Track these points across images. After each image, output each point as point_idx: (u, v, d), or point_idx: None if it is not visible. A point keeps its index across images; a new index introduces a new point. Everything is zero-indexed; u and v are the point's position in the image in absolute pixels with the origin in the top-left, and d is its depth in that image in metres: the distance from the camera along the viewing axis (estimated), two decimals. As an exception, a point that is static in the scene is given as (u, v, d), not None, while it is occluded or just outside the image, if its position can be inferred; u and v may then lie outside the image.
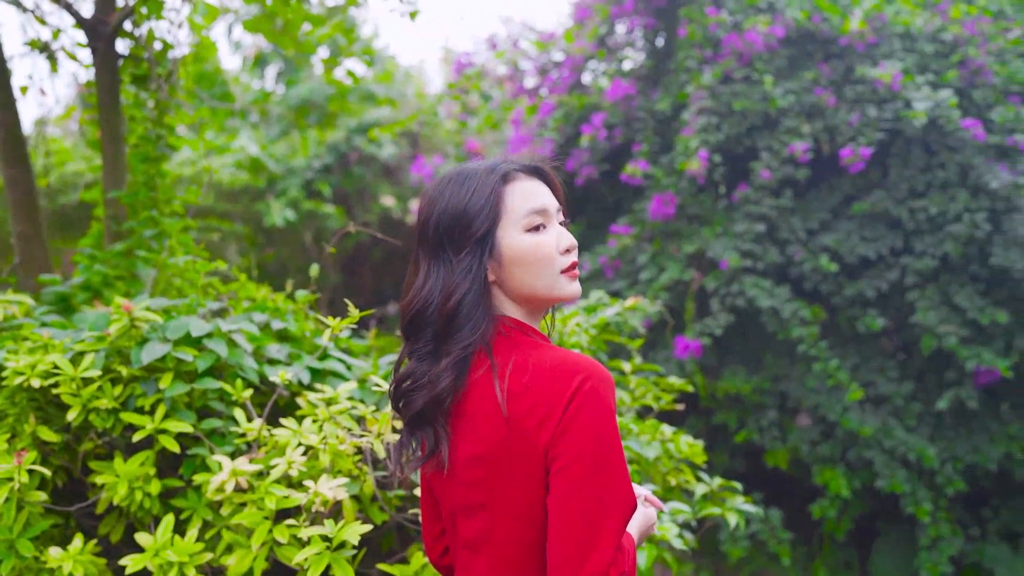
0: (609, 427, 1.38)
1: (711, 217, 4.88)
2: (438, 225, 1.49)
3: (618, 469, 1.38)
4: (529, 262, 1.49)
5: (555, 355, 1.44)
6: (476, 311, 1.47)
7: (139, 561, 2.12)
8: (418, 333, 1.52)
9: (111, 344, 2.36)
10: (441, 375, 1.48)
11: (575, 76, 5.75)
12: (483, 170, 1.52)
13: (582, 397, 1.38)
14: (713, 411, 5.13)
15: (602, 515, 1.36)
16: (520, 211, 1.50)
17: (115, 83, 3.68)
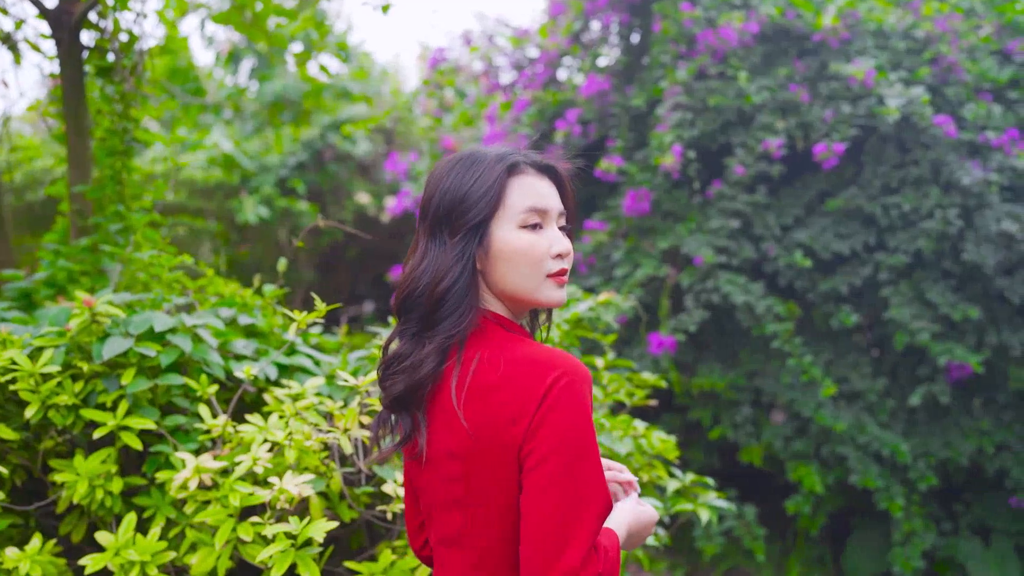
0: (584, 424, 1.35)
1: (686, 213, 4.87)
2: (439, 205, 1.48)
3: (592, 467, 1.35)
4: (516, 260, 1.47)
5: (531, 350, 1.41)
6: (464, 299, 1.45)
7: (99, 561, 2.07)
8: (409, 312, 1.49)
9: (72, 340, 2.31)
10: (423, 361, 1.46)
11: (550, 72, 5.72)
12: (492, 157, 1.49)
13: (557, 392, 1.35)
14: (688, 408, 5.13)
15: (575, 513, 1.33)
16: (518, 206, 1.47)
17: (80, 75, 3.61)
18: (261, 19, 3.71)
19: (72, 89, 3.62)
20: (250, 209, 8.06)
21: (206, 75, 10.97)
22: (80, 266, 3.34)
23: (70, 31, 3.55)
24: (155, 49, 3.64)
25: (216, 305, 2.76)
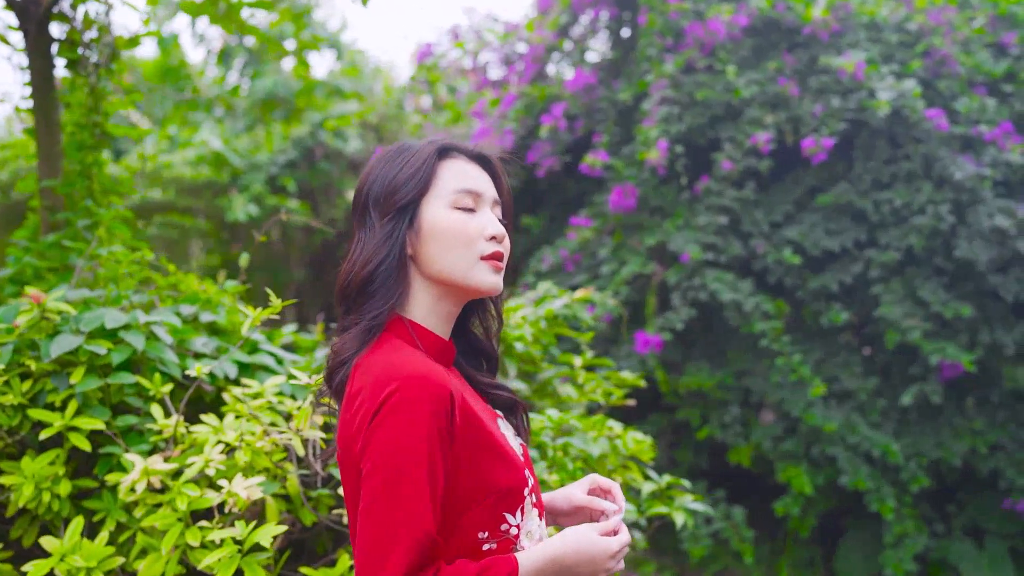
0: (408, 444, 1.27)
1: (673, 209, 4.79)
2: (368, 193, 1.44)
3: (411, 491, 1.27)
4: (447, 239, 1.41)
5: (391, 359, 1.35)
6: (390, 280, 1.40)
7: (42, 567, 1.99)
8: (345, 305, 1.45)
9: (20, 337, 2.23)
10: (345, 346, 1.41)
11: (537, 67, 5.64)
12: (422, 144, 1.47)
13: (388, 408, 1.29)
14: (676, 407, 5.04)
15: (390, 536, 1.26)
16: (450, 186, 1.44)
17: (48, 68, 3.52)
18: (235, 11, 3.64)
19: (40, 82, 3.54)
20: (239, 207, 7.99)
21: (198, 73, 10.90)
22: (46, 263, 3.26)
23: (38, 23, 3.47)
24: (124, 41, 3.54)
25: (178, 302, 2.68)
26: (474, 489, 1.35)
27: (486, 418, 1.42)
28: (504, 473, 1.37)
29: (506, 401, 1.55)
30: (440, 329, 1.47)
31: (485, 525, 1.36)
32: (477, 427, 1.37)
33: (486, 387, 1.55)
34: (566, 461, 2.40)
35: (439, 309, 1.46)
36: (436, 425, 1.29)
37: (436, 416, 1.29)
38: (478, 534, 1.36)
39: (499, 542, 1.37)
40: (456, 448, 1.33)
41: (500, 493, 1.36)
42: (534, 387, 3.09)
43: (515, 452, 1.43)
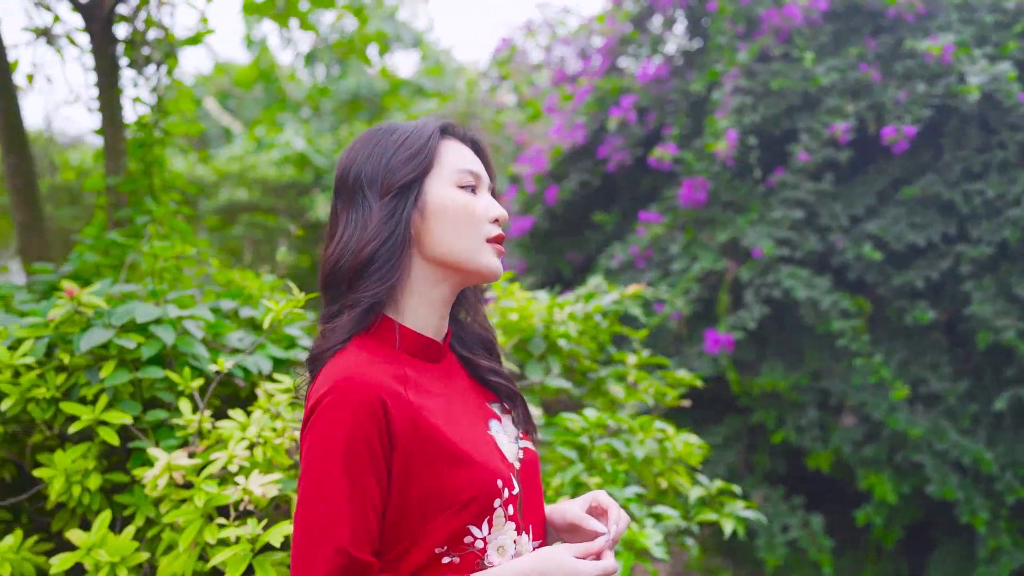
0: (327, 452, 1.22)
1: (746, 203, 4.60)
2: (360, 173, 1.37)
3: (328, 502, 1.21)
4: (454, 218, 1.35)
5: (342, 360, 1.29)
6: (391, 261, 1.32)
7: (67, 560, 1.99)
8: (336, 288, 1.37)
9: (56, 331, 2.24)
10: (335, 330, 1.34)
11: (610, 60, 5.51)
12: (418, 122, 1.42)
13: (318, 413, 1.24)
14: (751, 409, 4.84)
15: (310, 551, 1.21)
16: (454, 165, 1.38)
17: (112, 68, 3.60)
18: (293, 6, 3.64)
19: (105, 82, 3.62)
20: (322, 206, 8.09)
21: (288, 76, 11.13)
22: (107, 259, 3.32)
23: (102, 24, 3.54)
24: (184, 40, 3.59)
25: (220, 297, 2.67)
26: (428, 499, 1.26)
27: (449, 420, 1.32)
28: (465, 482, 1.27)
29: (505, 390, 1.47)
30: (428, 318, 1.39)
31: (444, 539, 1.26)
32: (428, 432, 1.27)
33: (485, 374, 1.46)
34: (605, 463, 2.29)
35: (433, 294, 1.38)
36: (361, 432, 1.22)
37: (359, 422, 1.22)
38: (435, 549, 1.27)
39: (462, 556, 1.28)
40: (401, 455, 1.25)
41: (460, 503, 1.26)
42: (590, 386, 2.99)
43: (484, 458, 1.31)
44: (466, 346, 1.50)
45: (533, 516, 1.40)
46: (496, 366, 1.49)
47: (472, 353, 1.49)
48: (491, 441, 1.37)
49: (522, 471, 1.39)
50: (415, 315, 1.38)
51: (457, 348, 1.49)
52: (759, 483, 4.75)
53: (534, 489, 1.42)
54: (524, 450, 1.43)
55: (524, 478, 1.39)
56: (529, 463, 1.42)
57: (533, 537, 1.39)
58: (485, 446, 1.34)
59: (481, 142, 1.47)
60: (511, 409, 1.47)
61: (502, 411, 1.46)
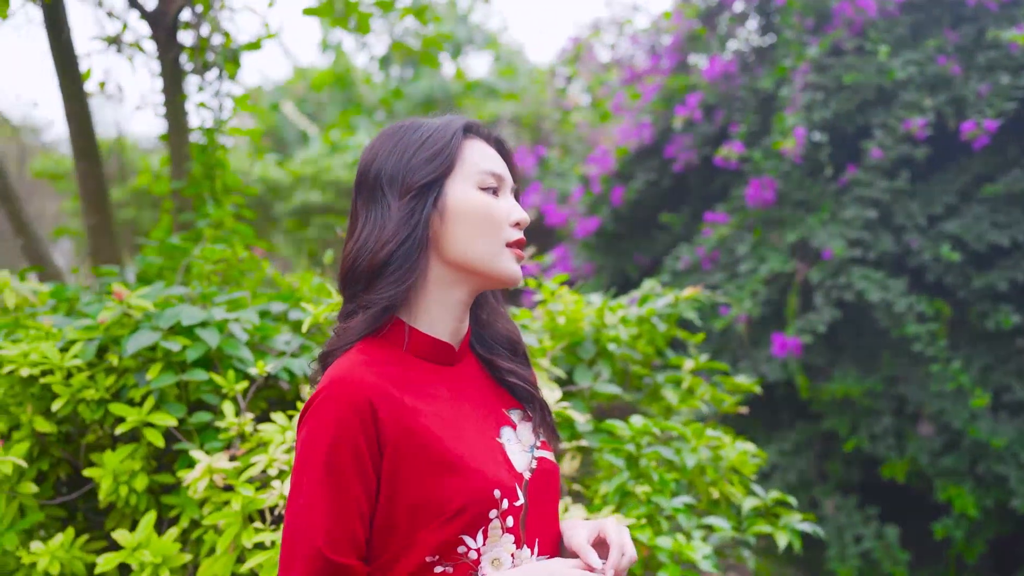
0: (312, 452, 1.22)
1: (817, 203, 4.44)
2: (380, 171, 1.34)
3: (307, 502, 1.21)
4: (475, 220, 1.32)
5: (339, 363, 1.28)
6: (408, 262, 1.29)
7: (112, 560, 2.02)
8: (352, 289, 1.35)
9: (106, 333, 2.28)
10: (347, 331, 1.33)
11: (679, 57, 5.40)
12: (441, 119, 1.38)
13: (309, 413, 1.24)
14: (823, 416, 4.68)
15: (290, 551, 1.21)
16: (476, 166, 1.35)
17: (177, 73, 3.67)
18: (353, 8, 3.66)
19: (171, 87, 3.69)
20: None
21: (364, 79, 11.26)
22: (169, 262, 3.38)
23: (167, 31, 3.61)
24: (247, 46, 3.63)
25: (271, 299, 2.68)
26: (417, 506, 1.23)
27: (450, 425, 1.28)
28: (455, 491, 1.23)
29: (523, 392, 1.42)
30: (443, 321, 1.36)
31: (435, 547, 1.23)
32: (421, 437, 1.24)
33: (504, 375, 1.42)
34: (652, 472, 2.22)
35: (449, 297, 1.35)
36: (347, 434, 1.20)
37: (345, 425, 1.21)
38: (425, 558, 1.23)
39: (455, 566, 1.24)
40: (390, 460, 1.23)
41: (451, 512, 1.22)
42: (646, 391, 2.92)
43: (481, 467, 1.27)
44: (487, 346, 1.46)
45: (542, 530, 1.35)
46: (516, 367, 1.44)
47: (493, 354, 1.45)
48: (499, 449, 1.33)
49: (533, 482, 1.34)
50: (429, 317, 1.35)
51: (477, 349, 1.45)
52: (831, 491, 4.59)
53: (547, 502, 1.37)
54: (539, 460, 1.37)
55: (534, 489, 1.34)
56: (543, 474, 1.37)
57: (539, 552, 1.34)
58: (487, 454, 1.30)
59: (505, 142, 1.43)
60: (531, 416, 1.43)
61: (521, 418, 1.42)
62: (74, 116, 3.65)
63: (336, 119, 10.25)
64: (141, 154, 8.33)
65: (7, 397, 2.28)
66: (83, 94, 3.66)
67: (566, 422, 2.32)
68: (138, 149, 8.56)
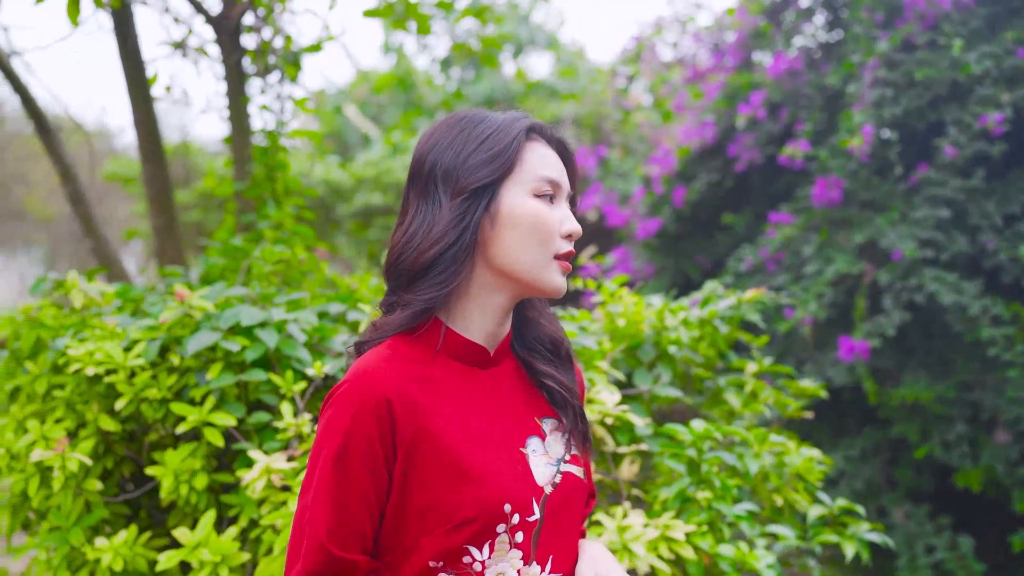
0: (325, 446, 1.22)
1: (886, 202, 4.31)
2: (436, 163, 1.30)
3: (316, 495, 1.21)
4: (526, 230, 1.28)
5: (366, 357, 1.27)
6: (455, 265, 1.26)
7: (172, 558, 2.04)
8: (397, 280, 1.32)
9: (168, 333, 2.31)
10: (385, 325, 1.31)
11: (743, 54, 5.30)
12: (505, 117, 1.33)
13: (328, 405, 1.24)
14: (893, 422, 4.54)
15: (296, 538, 1.23)
16: (534, 172, 1.30)
17: (240, 77, 3.71)
18: (412, 10, 3.66)
19: (234, 91, 3.74)
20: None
21: (426, 81, 11.33)
22: (232, 263, 3.42)
23: (230, 34, 3.66)
24: (308, 48, 3.66)
25: (330, 300, 2.69)
26: (425, 511, 1.21)
27: (471, 431, 1.25)
28: (464, 501, 1.21)
29: (559, 397, 1.38)
30: (482, 324, 1.32)
31: (441, 554, 1.21)
32: (436, 441, 1.22)
33: (542, 377, 1.38)
34: (714, 477, 2.16)
35: (489, 302, 1.32)
36: (360, 430, 1.20)
37: (360, 421, 1.20)
38: (429, 562, 1.22)
39: (459, 575, 1.23)
40: (403, 461, 1.21)
41: (456, 522, 1.20)
42: (708, 395, 2.86)
43: (495, 478, 1.23)
44: (528, 346, 1.42)
45: (558, 547, 1.31)
46: (554, 371, 1.40)
47: (533, 355, 1.41)
48: (521, 460, 1.29)
49: (554, 497, 1.30)
50: (467, 319, 1.32)
51: (518, 349, 1.41)
52: (901, 500, 4.44)
53: (567, 518, 1.32)
54: (564, 475, 1.33)
55: (554, 505, 1.29)
56: (566, 490, 1.32)
57: (552, 569, 1.30)
58: (506, 464, 1.26)
59: (568, 144, 1.38)
60: (565, 425, 1.37)
61: (553, 428, 1.36)
62: (141, 120, 3.72)
63: (397, 121, 10.32)
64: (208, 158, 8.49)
65: (74, 395, 2.33)
66: (150, 98, 3.72)
67: (625, 426, 2.28)
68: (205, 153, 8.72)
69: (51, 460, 2.11)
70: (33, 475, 2.25)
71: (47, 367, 2.40)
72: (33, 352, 2.53)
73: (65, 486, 2.20)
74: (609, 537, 1.99)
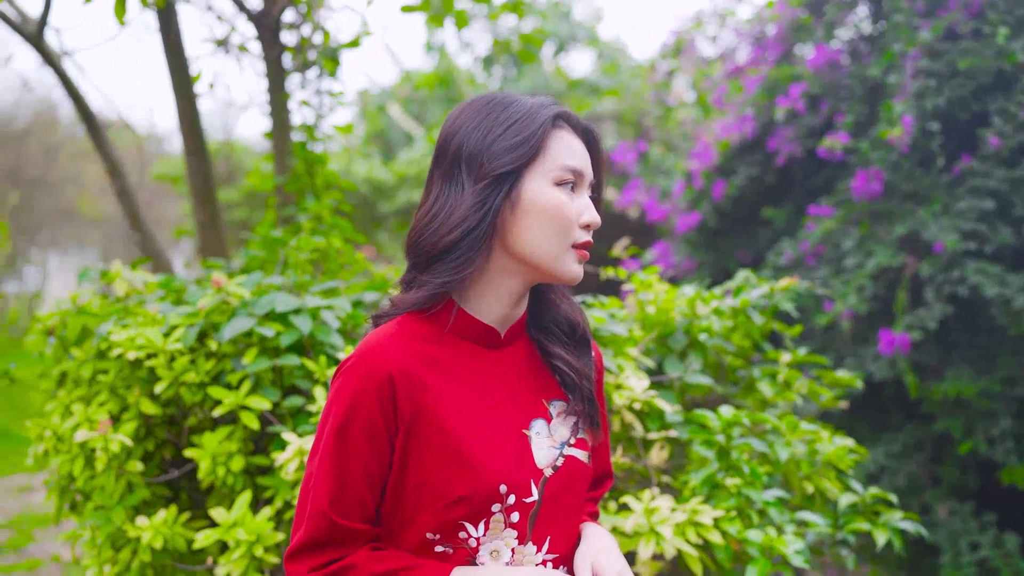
0: (330, 418, 1.26)
1: (928, 194, 4.25)
2: (462, 145, 1.29)
3: (321, 462, 1.26)
4: (545, 218, 1.28)
5: (375, 333, 1.31)
6: (473, 250, 1.27)
7: (209, 537, 2.09)
8: (413, 260, 1.34)
9: (206, 319, 2.37)
10: (400, 303, 1.33)
11: (783, 47, 5.26)
12: (533, 103, 1.32)
13: (334, 379, 1.29)
14: (935, 417, 4.48)
15: (303, 501, 1.28)
16: (558, 160, 1.29)
17: (279, 73, 3.78)
18: (449, 5, 3.71)
19: (274, 86, 3.81)
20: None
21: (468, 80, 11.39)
22: (272, 255, 3.48)
23: (271, 31, 3.73)
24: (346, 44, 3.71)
25: (365, 288, 2.74)
26: (423, 486, 1.24)
27: (473, 411, 1.28)
28: (457, 480, 1.23)
29: (569, 381, 1.38)
30: (494, 306, 1.34)
31: (437, 528, 1.25)
32: (436, 420, 1.25)
33: (554, 359, 1.39)
34: (742, 464, 2.16)
35: (503, 285, 1.33)
36: (363, 404, 1.23)
37: (363, 395, 1.23)
38: (426, 534, 1.26)
39: (456, 549, 1.26)
40: (404, 436, 1.25)
41: (450, 500, 1.23)
42: (742, 384, 2.85)
43: (491, 459, 1.25)
44: (544, 328, 1.42)
45: (556, 529, 1.32)
46: (567, 353, 1.40)
47: (548, 337, 1.42)
48: (522, 442, 1.30)
49: (554, 480, 1.31)
50: (481, 301, 1.33)
51: (533, 332, 1.42)
52: (945, 496, 4.38)
53: (567, 501, 1.33)
54: (567, 458, 1.34)
55: (553, 488, 1.31)
56: (567, 473, 1.33)
57: (549, 550, 1.32)
58: (506, 446, 1.28)
59: (595, 132, 1.37)
60: (574, 408, 1.38)
61: (561, 411, 1.37)
62: (185, 116, 3.81)
63: (439, 119, 10.40)
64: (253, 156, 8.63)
65: (117, 380, 2.40)
66: (193, 95, 3.81)
67: (655, 412, 2.29)
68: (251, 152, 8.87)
69: (94, 441, 2.18)
70: (78, 456, 2.33)
71: (92, 353, 2.48)
72: (79, 339, 2.61)
73: (108, 467, 2.27)
74: (637, 519, 2.00)
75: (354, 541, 1.25)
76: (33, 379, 3.34)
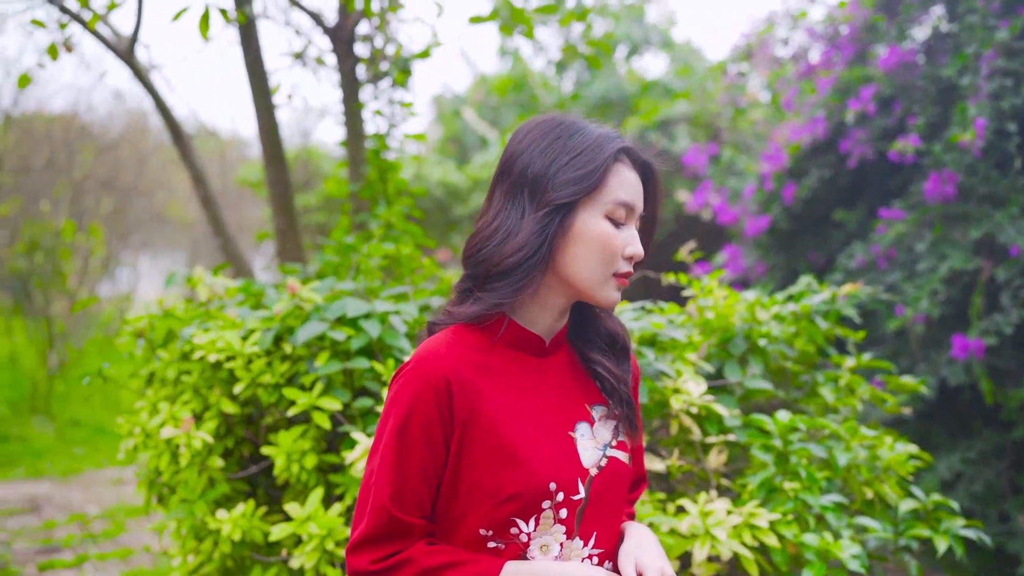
0: (389, 419, 1.34)
1: (1005, 197, 4.17)
2: (527, 167, 1.36)
3: (381, 462, 1.34)
4: (592, 248, 1.36)
5: (433, 339, 1.39)
6: (528, 275, 1.34)
7: (284, 530, 2.21)
8: (475, 268, 1.41)
9: (282, 323, 2.49)
10: (455, 314, 1.42)
11: (856, 48, 5.20)
12: (599, 134, 1.37)
13: (393, 382, 1.37)
14: (1015, 423, 4.38)
15: (363, 501, 1.36)
16: (612, 195, 1.36)
17: (354, 83, 3.92)
18: (519, 15, 3.79)
19: (349, 97, 3.95)
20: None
21: (542, 84, 11.46)
22: (345, 260, 3.61)
23: (345, 43, 3.87)
24: (417, 55, 3.83)
25: (432, 294, 2.84)
26: (475, 485, 1.33)
27: (521, 415, 1.36)
28: (508, 480, 1.31)
29: (609, 387, 1.46)
30: (541, 319, 1.43)
31: (489, 524, 1.33)
32: (488, 423, 1.33)
33: (595, 366, 1.47)
34: (800, 468, 2.19)
35: (549, 301, 1.42)
36: (421, 407, 1.31)
37: (421, 399, 1.31)
38: (479, 530, 1.34)
39: (508, 544, 1.35)
40: (458, 439, 1.33)
41: (501, 498, 1.31)
42: (806, 389, 2.86)
43: (540, 460, 1.33)
44: (585, 338, 1.50)
45: (601, 525, 1.40)
46: (606, 360, 1.48)
47: (589, 345, 1.49)
48: (568, 443, 1.38)
49: (599, 479, 1.39)
50: (529, 314, 1.42)
51: (573, 340, 1.50)
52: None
53: (611, 499, 1.41)
54: (610, 459, 1.41)
55: (599, 487, 1.39)
56: (610, 473, 1.41)
57: (595, 544, 1.40)
58: (554, 447, 1.35)
59: (653, 167, 1.43)
60: (615, 412, 1.45)
61: (604, 415, 1.45)
62: (265, 127, 3.98)
63: (513, 123, 10.50)
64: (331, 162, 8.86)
65: (199, 380, 2.54)
66: (272, 106, 3.97)
67: (713, 416, 2.33)
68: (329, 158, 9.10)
69: (178, 438, 2.33)
70: (164, 452, 2.48)
71: (176, 355, 2.63)
72: (165, 341, 2.77)
73: (191, 463, 2.41)
74: (692, 521, 2.05)
75: (411, 535, 1.34)
76: (125, 378, 3.55)
